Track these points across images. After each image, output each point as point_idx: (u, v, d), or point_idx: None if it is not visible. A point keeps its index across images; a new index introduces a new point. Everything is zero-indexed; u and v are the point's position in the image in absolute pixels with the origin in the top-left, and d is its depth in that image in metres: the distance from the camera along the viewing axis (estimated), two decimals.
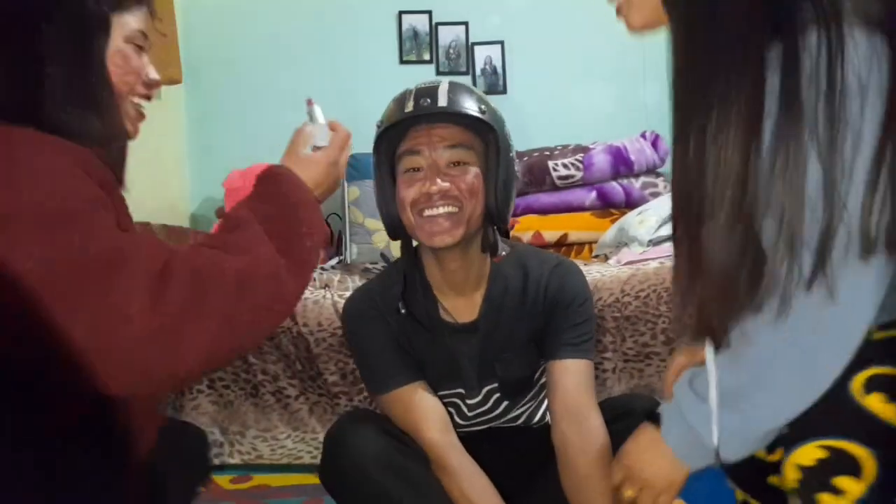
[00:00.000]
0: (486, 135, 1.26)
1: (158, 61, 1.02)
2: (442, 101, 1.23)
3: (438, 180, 1.22)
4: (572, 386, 1.26)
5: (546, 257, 1.38)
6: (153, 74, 0.99)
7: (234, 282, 0.81)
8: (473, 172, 1.24)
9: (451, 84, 1.26)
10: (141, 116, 1.00)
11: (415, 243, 1.35)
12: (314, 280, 2.22)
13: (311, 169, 1.03)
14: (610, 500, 1.16)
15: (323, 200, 1.05)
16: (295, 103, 3.32)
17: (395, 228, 1.30)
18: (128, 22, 0.95)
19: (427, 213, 1.23)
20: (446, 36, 3.17)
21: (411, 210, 1.24)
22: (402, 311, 1.30)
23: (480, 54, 3.18)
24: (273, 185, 0.98)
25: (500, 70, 3.18)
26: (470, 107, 1.24)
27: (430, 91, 1.24)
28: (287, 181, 0.98)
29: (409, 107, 1.23)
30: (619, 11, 0.92)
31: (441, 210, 1.23)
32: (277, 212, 0.93)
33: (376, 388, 1.32)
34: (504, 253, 1.31)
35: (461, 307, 1.34)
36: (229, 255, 0.84)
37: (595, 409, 1.25)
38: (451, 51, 3.17)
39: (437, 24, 3.16)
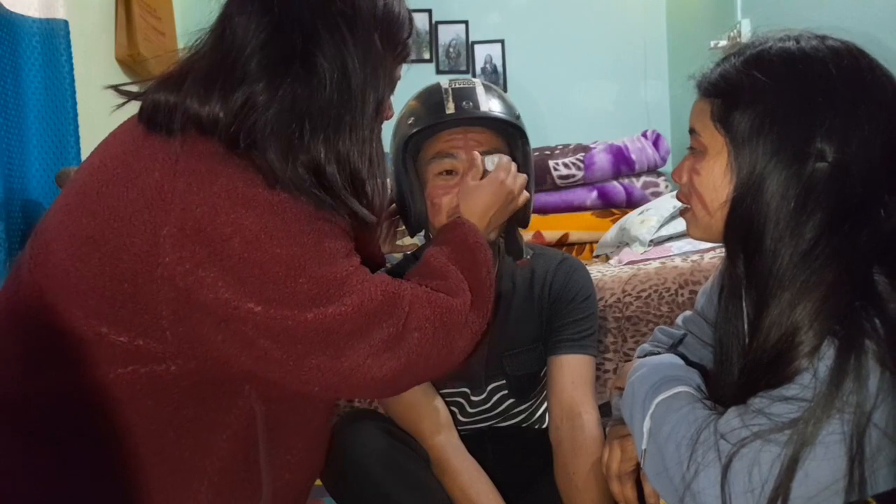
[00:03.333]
0: (515, 140, 1.26)
1: (158, 60, 1.02)
2: (483, 105, 1.23)
3: None
4: (569, 382, 1.26)
5: (552, 254, 1.39)
6: (392, 111, 1.04)
7: (458, 326, 0.95)
8: None
9: (485, 86, 1.27)
10: None
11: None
12: None
13: (479, 194, 1.13)
14: (600, 499, 1.16)
15: (497, 224, 1.17)
16: None
17: (420, 227, 1.29)
18: (397, 74, 1.00)
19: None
20: (446, 34, 3.16)
21: (446, 216, 1.23)
22: None
23: (480, 53, 3.17)
24: (450, 232, 1.08)
25: (500, 69, 3.17)
26: (506, 112, 1.25)
27: (469, 93, 1.24)
28: (461, 226, 1.08)
29: (450, 108, 1.22)
30: (682, 212, 0.98)
31: None
32: (461, 256, 1.03)
33: None
34: (528, 256, 1.31)
35: None
36: (451, 296, 0.96)
37: (591, 407, 1.25)
38: (451, 49, 3.17)
39: (437, 22, 3.15)
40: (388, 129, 1.34)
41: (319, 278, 0.84)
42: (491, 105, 1.24)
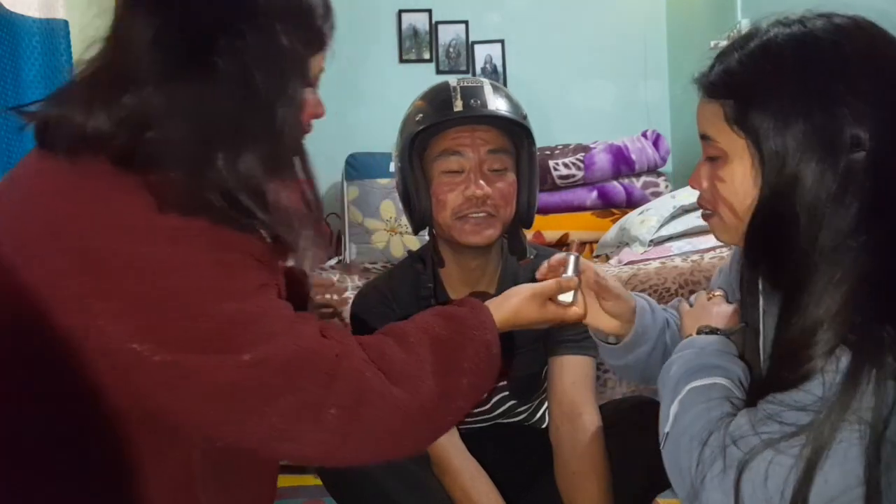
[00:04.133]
0: (521, 140, 1.26)
1: None
2: (491, 104, 1.23)
3: (483, 183, 1.22)
4: (569, 383, 1.27)
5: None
6: (322, 107, 0.91)
7: (388, 416, 0.81)
8: (510, 180, 1.26)
9: (493, 85, 1.27)
10: None
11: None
12: None
13: (535, 315, 1.00)
14: (601, 500, 1.16)
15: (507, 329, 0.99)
16: None
17: (424, 224, 1.29)
18: (314, 65, 0.87)
19: (466, 215, 1.23)
20: (446, 34, 3.16)
21: (451, 213, 1.24)
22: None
23: (480, 53, 3.17)
24: (464, 314, 0.93)
25: (500, 69, 3.17)
26: (513, 111, 1.25)
27: (478, 91, 1.24)
28: (478, 315, 0.93)
29: (458, 106, 1.22)
30: (706, 217, 0.92)
31: (478, 215, 1.23)
32: (450, 338, 0.89)
33: None
34: (532, 256, 1.31)
35: None
36: (393, 384, 0.81)
37: (591, 407, 1.25)
38: (451, 49, 3.16)
39: (437, 22, 3.15)
40: (382, 130, 1.34)
41: (221, 317, 0.73)
42: (498, 104, 1.24)
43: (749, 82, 0.81)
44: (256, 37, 0.78)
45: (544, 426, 1.42)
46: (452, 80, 1.29)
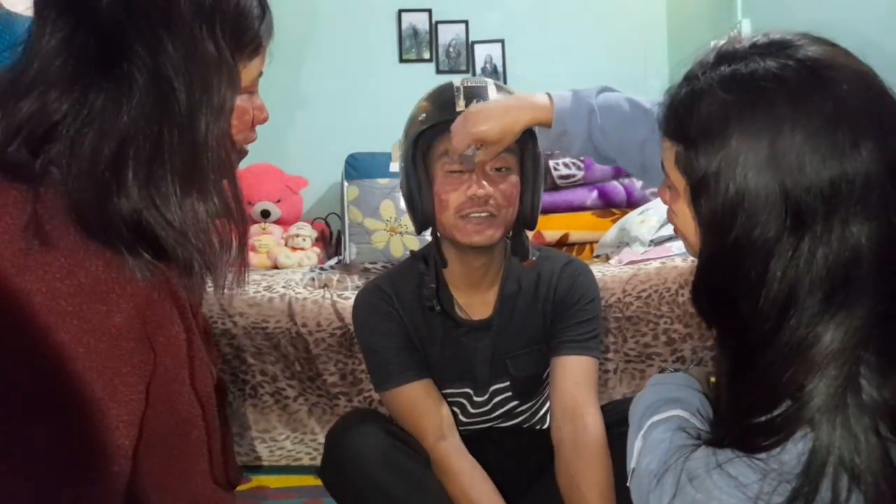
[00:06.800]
0: (525, 141, 1.26)
1: None
2: None
3: (485, 183, 1.21)
4: (571, 383, 1.26)
5: (558, 256, 1.39)
6: (266, 112, 0.87)
7: None
8: (513, 181, 1.25)
9: (498, 86, 1.27)
10: (244, 155, 0.90)
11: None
12: (313, 280, 2.21)
13: None
14: (603, 501, 1.16)
15: None
16: (294, 102, 3.29)
17: (427, 224, 1.29)
18: (251, 70, 0.82)
19: (468, 215, 1.23)
20: (446, 34, 3.16)
21: (453, 213, 1.23)
22: (437, 308, 1.30)
23: (480, 53, 3.17)
24: None
25: (500, 69, 3.17)
26: None
27: (481, 91, 1.24)
28: None
29: (461, 106, 1.22)
30: (676, 232, 0.89)
31: (480, 214, 1.23)
32: None
33: (382, 383, 1.31)
34: (534, 258, 1.31)
35: (475, 304, 1.34)
36: None
37: (593, 408, 1.25)
38: (451, 49, 3.16)
39: (437, 22, 3.15)
40: (382, 130, 1.33)
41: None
42: None
43: (691, 130, 0.76)
44: (177, 43, 0.71)
45: (544, 427, 1.42)
46: (457, 80, 1.29)
